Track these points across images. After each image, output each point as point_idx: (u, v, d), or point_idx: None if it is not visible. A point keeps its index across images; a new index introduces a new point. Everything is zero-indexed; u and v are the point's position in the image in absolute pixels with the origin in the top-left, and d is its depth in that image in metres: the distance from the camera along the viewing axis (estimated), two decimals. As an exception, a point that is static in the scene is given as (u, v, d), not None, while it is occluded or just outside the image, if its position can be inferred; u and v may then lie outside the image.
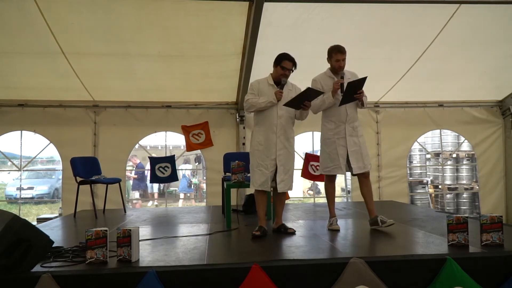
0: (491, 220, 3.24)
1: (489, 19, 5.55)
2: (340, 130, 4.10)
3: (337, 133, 4.10)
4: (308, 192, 12.98)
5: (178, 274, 2.77)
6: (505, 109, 7.60)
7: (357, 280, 2.78)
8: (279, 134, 3.94)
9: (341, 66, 4.04)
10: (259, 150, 3.98)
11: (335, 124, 4.11)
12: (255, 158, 4.01)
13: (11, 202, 11.50)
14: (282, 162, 3.95)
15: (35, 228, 2.90)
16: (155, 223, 5.00)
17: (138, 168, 11.04)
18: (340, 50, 4.01)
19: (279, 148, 3.93)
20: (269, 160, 3.93)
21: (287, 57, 3.96)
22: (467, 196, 8.88)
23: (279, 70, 3.96)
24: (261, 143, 3.98)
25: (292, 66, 3.96)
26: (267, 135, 3.96)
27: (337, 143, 4.09)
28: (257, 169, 3.96)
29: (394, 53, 6.14)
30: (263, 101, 3.95)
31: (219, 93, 6.93)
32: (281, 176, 3.94)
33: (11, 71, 6.12)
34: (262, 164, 3.94)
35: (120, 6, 5.01)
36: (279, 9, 5.07)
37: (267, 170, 3.92)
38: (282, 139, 3.96)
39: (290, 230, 3.98)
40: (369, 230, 4.08)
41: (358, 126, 4.18)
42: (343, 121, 4.09)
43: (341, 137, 4.09)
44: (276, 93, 3.90)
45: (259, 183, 3.95)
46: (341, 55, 4.01)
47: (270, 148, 3.93)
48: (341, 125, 4.09)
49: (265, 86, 4.03)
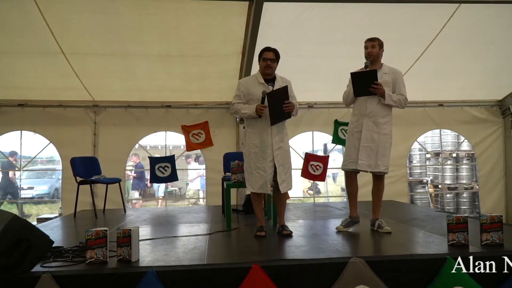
0: (491, 219, 3.24)
1: (489, 18, 5.55)
2: (359, 123, 3.97)
3: (357, 127, 3.99)
4: (308, 192, 12.97)
5: (178, 274, 2.77)
6: (505, 108, 7.59)
7: (357, 280, 2.78)
8: (274, 135, 3.90)
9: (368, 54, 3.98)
10: (255, 153, 3.92)
11: (357, 117, 4.01)
12: (251, 160, 3.95)
13: (11, 202, 11.49)
14: (281, 162, 3.91)
15: (35, 228, 2.90)
16: (155, 223, 5.01)
17: (138, 168, 11.04)
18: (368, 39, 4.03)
19: (275, 149, 3.89)
20: (266, 162, 3.88)
21: (266, 48, 3.94)
22: (467, 196, 8.88)
23: (262, 63, 3.93)
24: (256, 145, 3.92)
25: (274, 55, 3.90)
26: (261, 137, 3.90)
27: (355, 137, 3.98)
28: (255, 172, 3.91)
29: (394, 53, 6.10)
30: (245, 112, 3.91)
31: (219, 93, 6.93)
32: (282, 176, 3.91)
33: (11, 71, 6.12)
34: (260, 166, 3.89)
35: (120, 6, 5.01)
36: (279, 9, 5.07)
37: (265, 172, 3.87)
38: (277, 140, 3.91)
39: (286, 232, 3.91)
40: (369, 230, 4.07)
41: (384, 124, 3.95)
42: (363, 114, 3.96)
43: (358, 131, 3.97)
44: (256, 109, 3.82)
45: (258, 186, 3.91)
46: (369, 42, 4.00)
47: (266, 149, 3.88)
48: (361, 118, 3.96)
49: (254, 85, 3.95)
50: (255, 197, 4.04)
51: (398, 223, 4.51)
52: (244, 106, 3.94)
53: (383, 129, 3.95)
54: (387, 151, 4.01)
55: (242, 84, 4.04)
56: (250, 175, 3.95)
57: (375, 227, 4.00)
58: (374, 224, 4.04)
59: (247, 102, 3.97)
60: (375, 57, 3.99)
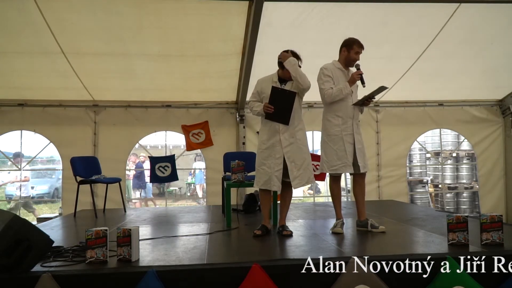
0: (491, 219, 3.24)
1: (489, 18, 5.54)
2: (348, 126, 3.97)
3: (345, 129, 3.96)
4: (308, 192, 12.98)
5: (178, 273, 2.77)
6: (505, 108, 7.59)
7: (357, 279, 2.78)
8: (283, 131, 3.90)
9: (357, 59, 4.03)
10: (262, 150, 3.97)
11: (343, 120, 3.97)
12: (259, 157, 4.00)
13: (11, 202, 11.50)
14: (292, 158, 3.89)
15: (35, 228, 2.90)
16: (155, 222, 5.01)
17: (138, 167, 11.05)
18: (361, 44, 4.03)
19: (284, 146, 3.88)
20: (273, 159, 3.88)
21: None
22: (467, 195, 8.89)
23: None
24: (264, 142, 3.96)
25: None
26: (270, 133, 3.94)
27: (345, 140, 3.95)
28: (260, 168, 3.96)
29: (394, 53, 6.14)
30: (256, 110, 3.98)
31: (219, 92, 6.93)
32: (294, 172, 3.88)
33: (11, 71, 6.11)
34: (265, 163, 3.92)
35: (120, 6, 5.01)
36: (279, 9, 5.06)
37: (270, 169, 3.88)
38: (287, 136, 3.90)
39: (286, 232, 3.91)
40: (369, 230, 4.06)
41: (359, 125, 4.12)
42: (351, 117, 3.97)
43: (348, 134, 3.96)
44: (263, 107, 3.88)
45: (261, 182, 3.94)
46: (361, 49, 4.02)
47: (274, 146, 3.90)
48: (349, 120, 3.97)
49: (268, 84, 3.98)
50: (262, 194, 4.06)
51: (398, 222, 4.51)
52: (257, 104, 4.00)
53: (360, 130, 4.11)
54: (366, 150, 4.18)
55: (259, 82, 4.10)
56: (257, 171, 4.00)
57: (368, 227, 3.97)
58: (366, 225, 4.01)
59: (261, 100, 4.01)
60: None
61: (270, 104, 3.86)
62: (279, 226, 4.05)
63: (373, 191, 7.28)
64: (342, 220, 4.07)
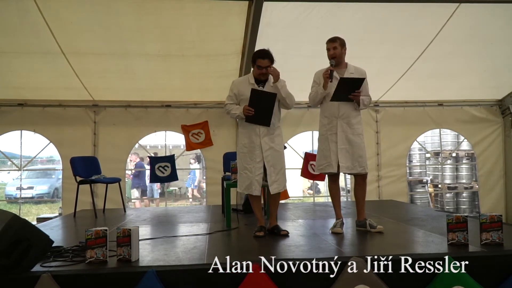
0: (490, 219, 3.24)
1: (489, 18, 5.54)
2: (333, 125, 3.94)
3: (330, 129, 3.96)
4: (308, 192, 12.98)
5: (178, 273, 2.77)
6: (504, 108, 7.59)
7: (357, 279, 2.78)
8: (263, 135, 3.86)
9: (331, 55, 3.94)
10: (244, 153, 3.91)
11: (328, 120, 3.98)
12: (240, 161, 3.95)
13: (11, 201, 11.50)
14: (271, 162, 3.87)
15: (35, 228, 2.90)
16: (155, 222, 5.01)
17: (137, 167, 11.05)
18: (329, 40, 3.97)
19: (265, 150, 3.85)
20: (254, 163, 3.85)
21: (260, 55, 3.81)
22: (466, 195, 8.89)
23: (256, 69, 3.87)
24: (245, 146, 3.91)
25: (268, 62, 3.81)
26: (250, 137, 3.89)
27: (330, 139, 3.95)
28: (243, 172, 3.91)
29: (394, 52, 6.14)
30: (234, 112, 3.91)
31: (218, 92, 6.91)
32: (272, 177, 3.87)
33: (11, 71, 6.11)
34: (247, 167, 3.88)
35: (120, 5, 5.01)
36: (279, 9, 5.06)
37: (252, 173, 3.85)
38: (267, 140, 3.87)
39: (283, 232, 3.89)
40: (368, 230, 4.06)
41: (356, 124, 3.96)
42: (336, 116, 3.94)
43: (333, 133, 3.94)
44: (244, 110, 3.82)
45: (243, 187, 3.91)
46: (331, 44, 3.94)
47: (254, 150, 3.86)
48: (334, 120, 3.94)
49: (245, 86, 3.91)
50: (252, 197, 4.02)
51: (398, 222, 4.51)
52: (235, 107, 3.94)
53: (356, 130, 3.96)
54: (363, 151, 3.99)
55: (235, 84, 4.02)
56: (239, 175, 3.97)
57: (367, 227, 3.97)
58: (364, 225, 4.00)
59: (239, 103, 3.96)
60: (339, 58, 3.96)
61: (250, 107, 3.79)
62: (272, 227, 4.01)
63: (373, 191, 7.28)
64: (341, 220, 4.07)
